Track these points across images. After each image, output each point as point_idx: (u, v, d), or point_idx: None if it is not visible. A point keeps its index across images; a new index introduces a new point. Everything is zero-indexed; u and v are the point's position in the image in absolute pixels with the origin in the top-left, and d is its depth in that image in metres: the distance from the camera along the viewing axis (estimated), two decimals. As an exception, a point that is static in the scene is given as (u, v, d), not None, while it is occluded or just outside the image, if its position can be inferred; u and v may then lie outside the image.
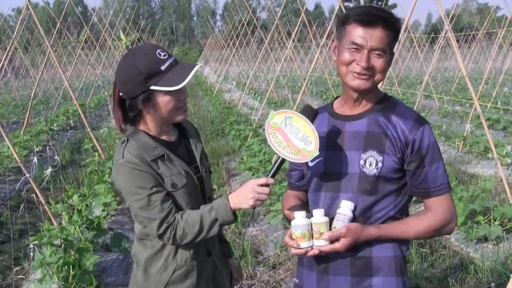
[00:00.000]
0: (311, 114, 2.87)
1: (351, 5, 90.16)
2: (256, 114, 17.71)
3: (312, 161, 2.89)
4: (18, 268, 7.08)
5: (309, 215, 2.79)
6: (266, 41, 22.14)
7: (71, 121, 19.30)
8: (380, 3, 78.10)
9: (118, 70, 2.94)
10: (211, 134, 15.84)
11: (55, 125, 17.91)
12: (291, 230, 2.78)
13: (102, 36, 20.30)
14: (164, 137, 3.07)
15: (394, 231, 2.79)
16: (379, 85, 2.89)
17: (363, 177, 2.78)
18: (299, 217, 2.73)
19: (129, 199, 3.00)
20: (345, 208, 2.75)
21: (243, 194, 2.88)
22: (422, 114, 14.77)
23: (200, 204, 3.04)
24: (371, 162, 2.76)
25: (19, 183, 7.29)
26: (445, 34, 20.80)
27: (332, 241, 2.71)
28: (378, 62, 2.70)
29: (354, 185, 2.80)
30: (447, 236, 7.61)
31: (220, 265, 3.31)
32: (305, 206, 3.04)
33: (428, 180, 2.78)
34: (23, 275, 6.90)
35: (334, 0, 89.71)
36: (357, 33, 2.68)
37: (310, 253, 2.74)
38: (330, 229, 2.73)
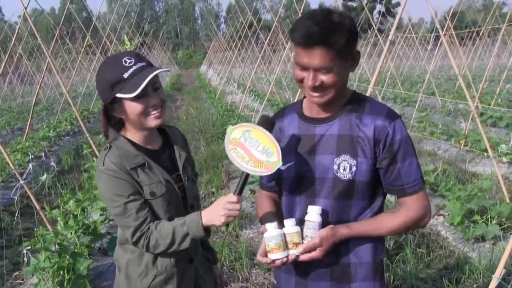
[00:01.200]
0: (268, 124, 2.83)
1: (354, 4, 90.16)
2: (257, 116, 17.69)
3: (283, 165, 2.81)
4: (17, 273, 7.12)
5: (280, 225, 2.76)
6: (266, 42, 22.15)
7: (75, 126, 19.33)
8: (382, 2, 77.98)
9: (95, 77, 2.98)
10: (212, 137, 15.84)
11: (57, 130, 17.93)
12: (263, 247, 2.76)
13: (103, 41, 20.25)
14: (147, 145, 3.07)
15: (365, 228, 2.77)
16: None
17: (337, 182, 2.74)
18: (271, 228, 2.71)
19: (108, 205, 3.02)
20: (313, 214, 2.72)
21: (214, 212, 2.89)
22: (424, 113, 14.82)
23: (181, 213, 3.05)
24: (345, 167, 2.72)
25: (14, 189, 7.30)
26: (445, 33, 20.77)
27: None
28: (326, 78, 2.63)
29: (329, 190, 2.76)
30: (445, 236, 7.61)
31: (203, 272, 3.32)
32: (278, 211, 3.02)
33: (401, 176, 2.73)
34: (22, 280, 6.95)
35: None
36: (300, 54, 2.63)
37: (286, 261, 2.72)
38: (302, 237, 2.72)
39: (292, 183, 2.89)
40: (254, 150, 2.76)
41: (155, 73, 2.84)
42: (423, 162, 11.78)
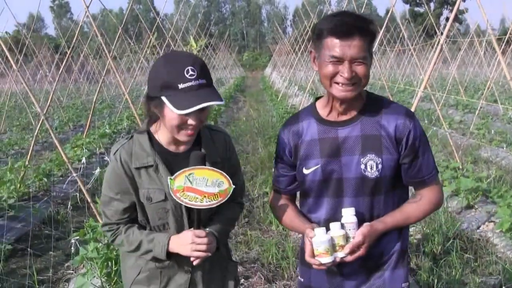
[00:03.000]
0: (202, 159, 2.89)
1: (421, 10, 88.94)
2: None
3: (307, 169, 2.97)
4: (68, 263, 7.32)
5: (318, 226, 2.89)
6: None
7: (135, 124, 19.64)
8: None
9: (153, 64, 2.97)
10: (270, 138, 15.92)
11: (118, 128, 18.27)
12: (310, 247, 2.82)
13: (167, 41, 20.49)
14: (170, 146, 3.06)
15: (397, 220, 2.94)
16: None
17: (365, 180, 2.88)
18: (320, 233, 2.78)
19: (102, 187, 3.15)
20: (348, 216, 2.83)
21: (182, 241, 2.95)
22: (483, 121, 14.59)
23: (182, 224, 3.06)
24: (371, 166, 2.86)
25: (66, 182, 7.51)
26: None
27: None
28: (360, 70, 2.73)
29: (357, 189, 2.90)
30: (494, 242, 7.52)
31: (207, 281, 3.23)
32: (304, 215, 3.12)
33: (422, 169, 2.94)
34: (73, 270, 7.14)
35: (404, 5, 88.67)
36: (335, 46, 2.70)
37: (333, 264, 2.82)
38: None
39: (320, 186, 2.97)
40: (204, 187, 2.84)
41: (208, 104, 2.76)
42: (479, 168, 11.64)
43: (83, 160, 9.74)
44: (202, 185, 2.83)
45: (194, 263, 2.98)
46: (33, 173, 11.11)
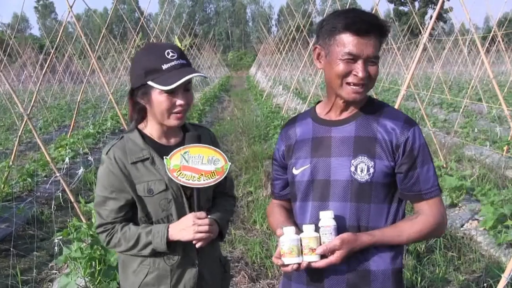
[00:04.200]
0: (197, 138, 2.96)
1: (405, 9, 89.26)
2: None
3: (297, 169, 2.83)
4: (52, 263, 7.30)
5: (298, 230, 2.67)
6: (311, 44, 22.16)
7: (120, 125, 19.61)
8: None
9: (132, 59, 3.02)
10: (254, 138, 15.94)
11: (102, 128, 18.24)
12: (279, 248, 2.65)
13: (151, 41, 20.47)
14: (161, 139, 3.08)
15: (387, 236, 2.68)
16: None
17: (355, 184, 2.67)
18: (288, 232, 2.62)
19: (95, 189, 3.11)
20: (325, 219, 2.62)
21: (183, 225, 2.93)
22: (467, 120, 14.68)
23: (184, 213, 3.01)
24: (362, 168, 2.67)
25: (50, 182, 7.49)
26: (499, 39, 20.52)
27: (324, 255, 2.59)
28: (373, 70, 2.64)
29: (344, 193, 2.70)
30: (477, 240, 7.57)
31: (211, 278, 3.22)
32: (291, 218, 2.94)
33: (420, 182, 2.70)
34: (57, 270, 7.12)
35: (388, 4, 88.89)
36: (352, 42, 2.58)
37: (298, 268, 2.61)
38: (320, 243, 2.60)
39: (306, 188, 2.81)
40: (200, 166, 2.89)
41: (194, 75, 2.86)
42: (463, 167, 11.70)
43: (67, 160, 9.72)
44: (198, 163, 2.87)
45: (197, 245, 2.94)
46: (17, 174, 11.07)
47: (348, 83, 2.64)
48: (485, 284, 6.10)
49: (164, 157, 2.90)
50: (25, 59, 37.55)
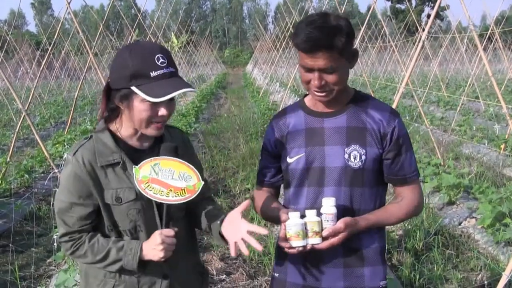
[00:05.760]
0: (172, 150, 2.77)
1: (402, 7, 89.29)
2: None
3: (291, 158, 3.02)
4: (50, 260, 7.31)
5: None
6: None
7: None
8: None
9: (115, 56, 2.77)
10: (251, 135, 15.93)
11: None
12: (283, 231, 2.80)
13: (148, 38, 20.45)
14: (133, 142, 2.86)
15: (379, 220, 2.97)
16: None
17: (348, 170, 2.91)
18: (293, 217, 2.77)
19: (57, 193, 2.85)
20: (327, 206, 2.82)
21: (152, 245, 2.72)
22: (464, 118, 14.68)
23: (152, 225, 2.83)
24: (355, 156, 2.90)
25: (47, 178, 7.46)
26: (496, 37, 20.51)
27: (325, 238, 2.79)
28: (330, 78, 2.79)
29: (339, 178, 2.93)
30: (475, 238, 7.59)
31: None
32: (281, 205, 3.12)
33: (404, 167, 2.98)
34: (55, 266, 7.12)
35: (385, 2, 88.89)
36: (304, 58, 2.77)
37: (303, 250, 2.78)
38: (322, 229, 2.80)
39: (301, 175, 3.00)
40: (170, 180, 2.72)
41: (183, 90, 2.66)
42: (461, 165, 11.72)
43: (65, 156, 9.69)
44: (168, 178, 2.70)
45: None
46: (14, 170, 11.09)
47: (311, 89, 2.87)
48: (485, 282, 6.11)
49: (133, 166, 2.71)
50: (22, 56, 37.47)
